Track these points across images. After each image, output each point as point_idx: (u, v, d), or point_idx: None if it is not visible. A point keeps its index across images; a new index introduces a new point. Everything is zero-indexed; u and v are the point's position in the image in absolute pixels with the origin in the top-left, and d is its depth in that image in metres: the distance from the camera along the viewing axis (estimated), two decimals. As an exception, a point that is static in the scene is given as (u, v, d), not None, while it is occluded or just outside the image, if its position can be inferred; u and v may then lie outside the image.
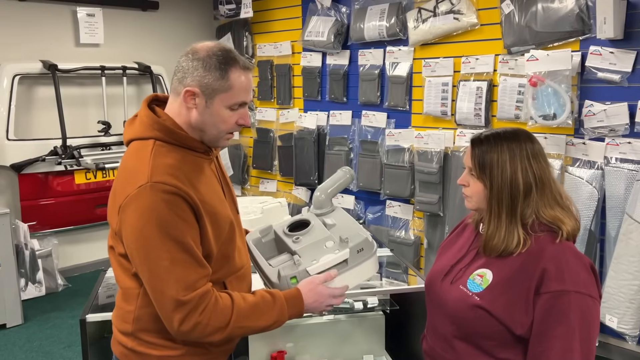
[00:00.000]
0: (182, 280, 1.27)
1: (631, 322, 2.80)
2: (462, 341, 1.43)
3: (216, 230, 1.37)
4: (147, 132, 1.35)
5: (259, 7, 4.77)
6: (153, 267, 1.27)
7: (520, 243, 1.37)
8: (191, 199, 1.29)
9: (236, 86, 1.33)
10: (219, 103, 1.33)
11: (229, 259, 1.43)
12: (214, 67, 1.31)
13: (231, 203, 1.51)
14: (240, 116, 1.38)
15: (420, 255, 3.98)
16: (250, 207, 2.64)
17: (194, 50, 1.34)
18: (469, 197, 1.47)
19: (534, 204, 1.39)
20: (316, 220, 1.62)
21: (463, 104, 3.53)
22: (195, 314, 1.28)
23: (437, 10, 3.60)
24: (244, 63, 1.36)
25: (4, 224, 3.59)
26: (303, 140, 4.53)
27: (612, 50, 2.92)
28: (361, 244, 1.52)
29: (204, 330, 1.30)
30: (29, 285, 4.12)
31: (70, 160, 4.21)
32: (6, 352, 3.37)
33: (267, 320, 1.38)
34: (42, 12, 4.33)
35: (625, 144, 2.92)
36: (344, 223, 1.62)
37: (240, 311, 1.34)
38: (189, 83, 1.32)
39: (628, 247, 2.76)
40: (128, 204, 1.28)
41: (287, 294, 1.42)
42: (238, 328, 1.34)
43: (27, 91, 4.29)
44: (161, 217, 1.25)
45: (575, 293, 1.30)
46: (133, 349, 1.39)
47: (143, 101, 1.42)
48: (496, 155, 1.39)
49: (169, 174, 1.28)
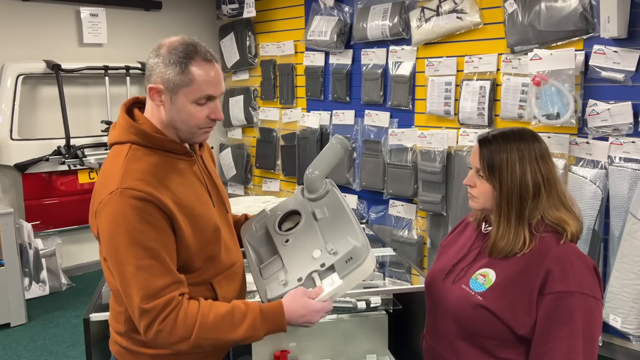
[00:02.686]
0: (146, 287, 1.25)
1: (635, 321, 2.79)
2: (464, 341, 1.43)
3: (197, 232, 1.35)
4: (124, 137, 1.35)
5: (262, 7, 4.77)
6: (122, 272, 1.27)
7: (525, 244, 1.37)
8: (162, 204, 1.27)
9: (198, 79, 1.30)
10: (184, 98, 1.31)
11: (214, 260, 1.42)
12: (174, 62, 1.29)
13: (220, 203, 1.49)
14: (211, 110, 1.34)
15: (423, 254, 3.97)
16: (253, 206, 2.64)
17: (158, 46, 1.33)
18: (475, 197, 1.45)
19: (542, 205, 1.38)
20: (307, 211, 1.52)
21: (466, 103, 3.52)
22: (156, 321, 1.26)
23: (440, 9, 3.60)
24: (206, 55, 1.32)
25: (8, 224, 3.60)
26: (306, 139, 4.53)
27: (616, 49, 2.91)
28: (349, 253, 1.40)
29: (168, 339, 1.27)
30: (33, 284, 4.14)
31: (74, 160, 4.22)
32: (10, 351, 3.38)
33: (236, 334, 1.31)
34: (45, 12, 4.34)
35: (629, 143, 2.92)
36: (335, 217, 1.50)
37: (204, 322, 1.29)
38: (153, 80, 1.32)
39: (632, 246, 2.75)
40: (100, 209, 1.29)
41: (266, 308, 1.36)
42: (204, 339, 1.29)
43: (30, 91, 4.30)
44: (129, 223, 1.25)
45: (579, 294, 1.30)
46: (127, 347, 1.40)
47: (122, 105, 1.41)
48: (505, 155, 1.38)
49: (139, 179, 1.27)
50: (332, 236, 1.46)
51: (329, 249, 1.42)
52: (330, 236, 1.46)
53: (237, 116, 5.11)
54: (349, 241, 1.42)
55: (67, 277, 4.40)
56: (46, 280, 4.20)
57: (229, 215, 1.55)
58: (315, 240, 1.46)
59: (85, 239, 4.63)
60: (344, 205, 1.52)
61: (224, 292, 1.44)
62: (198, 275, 1.39)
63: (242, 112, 5.07)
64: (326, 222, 1.50)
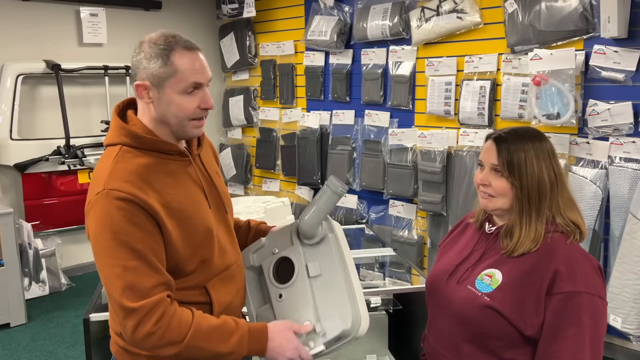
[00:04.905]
0: (133, 287, 1.24)
1: (635, 322, 2.79)
2: (468, 342, 1.42)
3: (187, 234, 1.33)
4: (115, 138, 1.36)
5: (262, 7, 4.77)
6: (107, 273, 1.26)
7: (538, 242, 1.37)
8: (147, 206, 1.26)
9: (181, 68, 1.29)
10: (170, 90, 1.30)
11: (207, 263, 1.40)
12: (155, 55, 1.29)
13: (219, 204, 1.47)
14: (201, 100, 1.33)
15: (423, 254, 3.97)
16: (253, 206, 2.64)
17: (139, 44, 1.33)
18: (493, 196, 1.43)
19: (556, 203, 1.39)
20: (301, 263, 1.45)
21: (466, 103, 3.52)
22: (149, 322, 1.24)
23: (440, 9, 3.60)
24: (187, 44, 1.31)
25: (7, 224, 3.60)
26: (306, 139, 4.53)
27: (616, 49, 2.91)
28: (339, 335, 1.36)
29: (158, 342, 1.26)
30: (33, 284, 4.13)
31: (74, 160, 4.22)
32: (10, 351, 3.38)
33: (224, 347, 1.31)
34: (45, 12, 4.34)
35: (630, 143, 2.91)
36: (329, 278, 1.42)
37: (198, 329, 1.28)
38: (139, 77, 1.32)
39: (632, 246, 2.75)
40: (88, 210, 1.29)
41: (253, 327, 1.36)
42: (193, 347, 1.28)
43: (30, 91, 4.30)
44: (115, 224, 1.24)
45: (586, 294, 1.30)
46: (125, 347, 1.39)
47: (114, 106, 1.41)
48: (523, 154, 1.39)
49: (125, 181, 1.26)
50: (323, 304, 1.41)
51: (317, 330, 1.38)
52: (322, 303, 1.41)
53: (237, 116, 5.11)
54: (338, 323, 1.37)
55: (67, 277, 4.39)
56: (46, 280, 4.20)
57: (229, 216, 1.53)
58: (307, 307, 1.42)
59: (85, 239, 4.57)
60: (337, 264, 1.43)
61: (219, 295, 1.42)
62: (191, 279, 1.37)
63: (242, 112, 5.06)
64: (319, 283, 1.43)
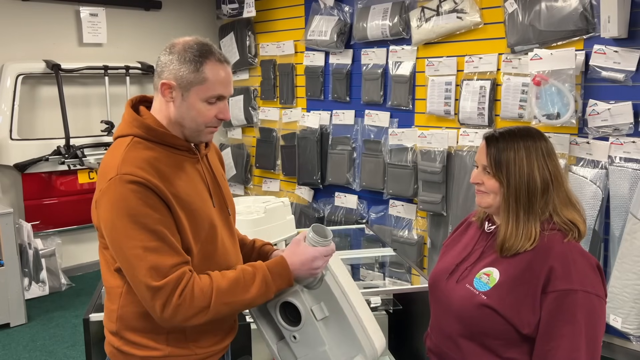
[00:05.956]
0: (155, 267, 1.25)
1: (635, 322, 2.79)
2: (468, 340, 1.43)
3: (194, 226, 1.35)
4: (127, 130, 1.38)
5: (262, 7, 4.77)
6: (128, 256, 1.26)
7: (534, 240, 1.37)
8: (160, 191, 1.28)
9: (211, 79, 1.33)
10: (195, 96, 1.34)
11: (210, 258, 1.41)
12: (189, 60, 1.32)
13: (222, 205, 1.48)
14: (220, 110, 1.38)
15: (423, 254, 3.97)
16: (253, 206, 2.63)
17: (171, 44, 1.36)
18: (485, 194, 1.45)
19: (552, 202, 1.39)
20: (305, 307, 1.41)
21: (466, 103, 3.52)
22: (174, 297, 1.25)
23: (440, 9, 3.60)
24: (220, 56, 1.35)
25: (7, 224, 3.60)
26: (306, 139, 4.53)
27: (617, 49, 2.91)
28: None
29: (187, 312, 1.27)
30: (33, 284, 4.13)
31: (74, 160, 4.22)
32: (10, 351, 3.38)
33: (251, 293, 1.32)
34: (45, 12, 4.34)
35: (630, 143, 2.91)
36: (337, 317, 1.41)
37: (220, 288, 1.29)
38: (165, 76, 1.34)
39: (632, 246, 2.75)
40: (100, 197, 1.30)
41: (271, 264, 1.37)
42: (222, 306, 1.30)
43: (30, 91, 4.30)
44: (131, 207, 1.25)
45: (582, 292, 1.30)
46: (119, 348, 1.39)
47: (128, 100, 1.45)
48: (512, 153, 1.39)
49: (137, 167, 1.28)
50: (340, 345, 1.41)
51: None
52: (338, 343, 1.41)
53: (237, 116, 5.11)
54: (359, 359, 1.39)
55: (67, 277, 4.39)
56: (46, 280, 4.20)
57: (231, 218, 1.54)
58: (322, 344, 1.42)
59: (85, 239, 4.63)
60: (340, 302, 1.41)
61: None
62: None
63: (242, 112, 5.06)
64: (329, 323, 1.43)
